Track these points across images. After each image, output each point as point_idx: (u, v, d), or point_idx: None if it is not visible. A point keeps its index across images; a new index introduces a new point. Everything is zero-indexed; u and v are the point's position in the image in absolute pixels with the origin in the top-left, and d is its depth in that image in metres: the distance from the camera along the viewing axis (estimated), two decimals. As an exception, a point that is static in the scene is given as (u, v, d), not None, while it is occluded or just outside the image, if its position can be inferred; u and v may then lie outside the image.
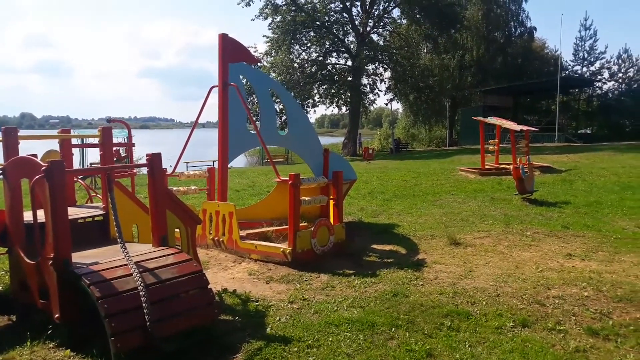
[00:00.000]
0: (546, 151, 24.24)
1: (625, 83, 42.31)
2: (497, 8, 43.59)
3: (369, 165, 22.35)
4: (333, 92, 35.11)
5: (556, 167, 15.52)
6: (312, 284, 4.83)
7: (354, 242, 6.51)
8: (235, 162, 26.75)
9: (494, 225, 7.53)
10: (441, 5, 32.60)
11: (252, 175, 16.67)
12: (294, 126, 6.82)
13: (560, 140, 33.98)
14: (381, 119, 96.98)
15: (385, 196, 11.15)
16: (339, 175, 6.19)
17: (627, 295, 4.16)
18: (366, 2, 33.68)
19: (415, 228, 7.43)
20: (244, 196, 11.55)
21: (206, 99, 6.58)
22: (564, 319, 3.76)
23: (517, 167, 9.49)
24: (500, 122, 15.49)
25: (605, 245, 6.08)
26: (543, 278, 4.73)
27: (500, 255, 5.71)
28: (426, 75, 35.80)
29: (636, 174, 13.26)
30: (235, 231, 5.88)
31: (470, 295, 4.32)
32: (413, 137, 50.52)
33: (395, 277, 4.88)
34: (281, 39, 31.80)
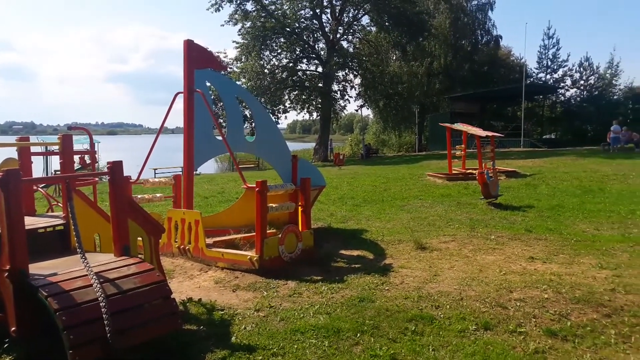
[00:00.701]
0: (512, 156, 24.83)
1: (586, 90, 43.72)
2: (464, 16, 44.53)
3: (339, 171, 22.42)
4: (304, 98, 35.18)
5: (521, 172, 15.88)
6: (279, 291, 4.82)
7: (323, 248, 6.52)
8: (205, 168, 26.23)
9: (460, 229, 7.66)
10: (409, 13, 33.10)
11: (221, 182, 16.51)
12: (261, 133, 6.80)
13: (525, 145, 34.83)
14: (352, 124, 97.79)
15: (355, 201, 11.21)
16: (307, 181, 6.19)
17: (584, 297, 4.29)
18: (336, 9, 33.93)
19: (383, 233, 7.49)
20: (212, 203, 11.43)
21: (171, 105, 6.51)
22: (524, 321, 3.85)
23: (482, 172, 9.69)
24: (467, 129, 15.79)
25: (566, 248, 6.25)
26: (506, 281, 4.84)
27: (465, 259, 5.81)
28: (395, 82, 36.26)
29: (597, 178, 13.70)
30: (201, 239, 5.81)
31: (434, 299, 4.38)
32: (383, 142, 51.04)
33: (362, 283, 4.91)
34: (251, 44, 31.71)
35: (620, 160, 18.99)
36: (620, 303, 4.14)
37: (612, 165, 17.14)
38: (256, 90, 30.83)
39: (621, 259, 5.56)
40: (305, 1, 32.36)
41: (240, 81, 31.91)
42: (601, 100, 41.43)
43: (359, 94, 36.48)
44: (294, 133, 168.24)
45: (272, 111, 33.18)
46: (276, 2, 33.16)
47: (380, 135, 51.28)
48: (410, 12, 33.27)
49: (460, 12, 43.72)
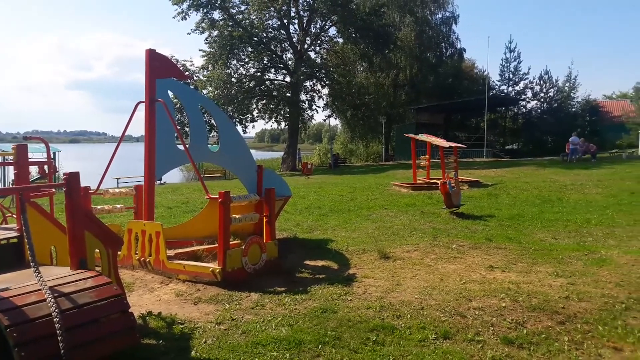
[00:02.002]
0: (475, 166, 25.39)
1: (546, 102, 45.22)
2: (429, 30, 45.53)
3: (307, 180, 22.44)
4: (272, 107, 35.13)
5: (483, 182, 16.27)
6: (242, 303, 4.77)
7: (287, 259, 6.50)
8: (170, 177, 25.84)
9: (423, 238, 7.77)
10: (375, 25, 33.62)
11: (186, 192, 16.27)
12: (225, 143, 6.75)
13: (488, 155, 35.75)
14: (321, 134, 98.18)
15: (321, 211, 11.24)
16: (271, 192, 6.18)
17: (540, 305, 4.41)
18: (303, 20, 34.14)
19: (348, 243, 7.53)
20: (176, 213, 11.25)
21: (132, 114, 6.39)
22: (482, 330, 3.93)
23: (444, 183, 9.88)
24: (430, 139, 16.10)
25: (525, 256, 6.42)
26: (465, 290, 4.93)
27: (427, 268, 5.90)
28: (362, 92, 36.65)
29: (556, 188, 14.15)
30: (162, 251, 5.71)
31: (396, 308, 4.42)
32: (351, 152, 51.42)
33: (325, 293, 4.92)
34: (218, 53, 31.52)
35: (578, 171, 19.69)
36: (573, 310, 4.28)
37: (570, 176, 17.75)
38: (223, 99, 30.62)
39: (576, 267, 5.75)
40: (273, 11, 32.45)
41: (207, 89, 31.66)
42: (560, 112, 42.94)
43: (326, 104, 36.72)
44: (262, 142, 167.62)
45: (239, 120, 33.01)
46: (243, 11, 33.15)
47: (348, 145, 51.66)
48: (377, 24, 33.80)
49: (425, 26, 44.68)
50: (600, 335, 3.78)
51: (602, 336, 3.77)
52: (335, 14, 32.75)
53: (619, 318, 4.08)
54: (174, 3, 31.17)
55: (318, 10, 32.82)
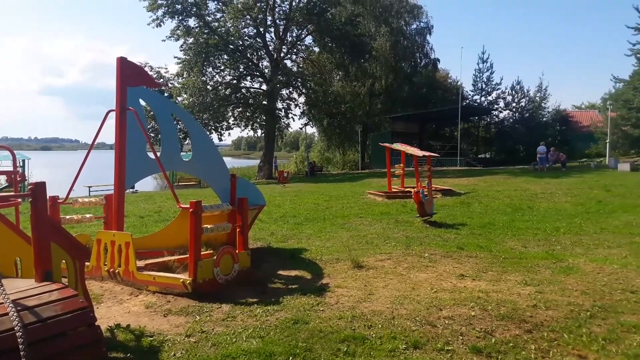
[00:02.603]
0: (449, 175, 25.74)
1: (518, 112, 46.27)
2: (404, 40, 46.20)
3: (283, 189, 22.39)
4: (248, 115, 35.03)
5: (456, 190, 16.50)
6: (213, 315, 4.71)
7: (261, 269, 6.46)
8: (143, 185, 25.40)
9: (396, 247, 7.82)
10: (351, 35, 33.94)
11: (159, 200, 16.03)
12: (198, 151, 6.69)
13: (462, 164, 36.30)
14: (298, 142, 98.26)
15: (296, 220, 11.22)
16: (244, 201, 6.14)
17: (509, 313, 4.48)
18: (279, 28, 34.23)
19: (323, 252, 7.52)
20: (148, 223, 11.07)
21: (102, 123, 6.28)
22: (452, 339, 3.96)
23: (418, 192, 9.99)
24: (405, 148, 16.28)
25: (495, 265, 6.52)
26: (436, 299, 4.97)
27: (399, 277, 5.93)
28: (339, 101, 36.90)
29: (527, 197, 14.45)
30: (132, 262, 5.61)
31: (367, 318, 4.43)
32: (328, 160, 51.62)
33: (297, 304, 4.90)
34: (193, 60, 31.31)
35: (548, 180, 20.15)
36: (541, 319, 4.35)
37: (540, 184, 18.15)
38: (198, 106, 30.40)
39: (544, 276, 5.86)
40: (249, 20, 32.45)
41: (182, 97, 31.39)
42: (532, 121, 43.96)
43: (303, 113, 36.80)
44: (239, 149, 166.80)
45: (215, 128, 32.80)
46: (219, 19, 33.06)
47: (325, 153, 51.85)
48: (352, 34, 34.12)
49: (400, 36, 45.34)
50: (565, 343, 3.85)
51: (567, 344, 3.84)
52: (311, 23, 32.96)
53: (583, 326, 4.17)
54: (149, 10, 30.90)
55: (294, 19, 32.97)
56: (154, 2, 30.71)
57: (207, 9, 32.77)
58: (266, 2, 32.87)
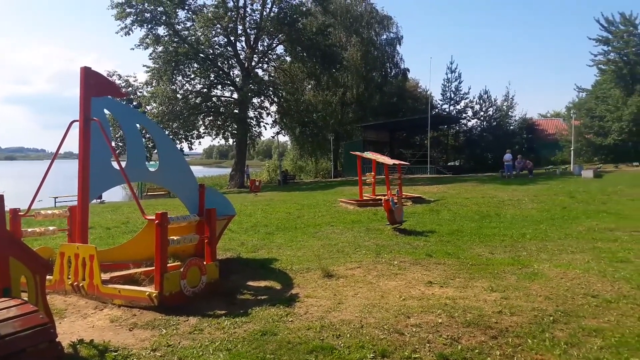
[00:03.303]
0: (419, 182, 26.07)
1: (486, 121, 47.35)
2: (375, 50, 46.80)
3: (255, 198, 22.26)
4: (219, 123, 34.80)
5: (426, 198, 16.71)
6: (180, 328, 4.63)
7: (229, 280, 6.38)
8: (111, 195, 24.84)
9: (366, 255, 7.85)
10: (322, 45, 34.17)
11: (127, 211, 15.73)
12: (165, 162, 6.60)
13: (432, 172, 36.85)
14: (271, 150, 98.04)
15: (268, 229, 11.16)
16: (212, 212, 6.08)
17: (475, 320, 4.54)
18: (250, 37, 34.19)
19: (293, 262, 7.49)
20: (115, 234, 10.83)
21: (65, 134, 6.13)
22: (419, 347, 3.99)
23: (387, 200, 10.08)
24: (376, 157, 16.43)
25: (462, 271, 6.61)
26: (405, 307, 5.00)
27: (368, 286, 5.95)
28: (310, 110, 37.06)
29: (494, 204, 14.74)
30: (96, 275, 5.46)
31: (336, 328, 4.42)
32: (301, 168, 51.68)
33: (266, 315, 4.85)
34: (163, 69, 30.96)
35: (515, 187, 20.60)
36: (505, 324, 4.43)
37: (508, 191, 18.54)
38: (168, 115, 30.06)
39: (510, 282, 5.97)
40: (219, 28, 32.32)
41: (151, 105, 30.99)
42: (499, 130, 45.03)
43: (275, 121, 36.75)
44: (210, 158, 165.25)
45: (185, 136, 32.46)
46: (189, 28, 32.83)
47: (297, 162, 51.90)
48: (323, 44, 34.36)
49: (371, 46, 45.93)
50: (529, 349, 3.92)
51: (531, 349, 3.92)
52: (282, 32, 33.07)
53: (547, 331, 4.26)
54: (117, 18, 30.47)
55: (265, 28, 33.01)
56: (122, 10, 30.32)
57: (177, 17, 32.55)
58: (237, 12, 32.84)
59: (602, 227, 9.91)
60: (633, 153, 36.57)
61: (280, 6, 33.61)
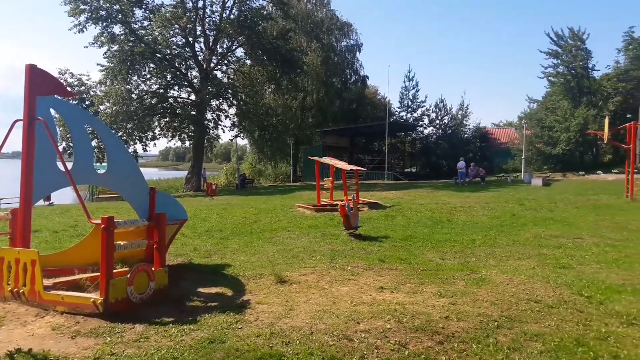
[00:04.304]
0: (376, 188, 26.44)
1: (441, 129, 48.56)
2: (335, 56, 47.21)
3: (211, 202, 21.97)
4: (175, 125, 34.17)
5: (382, 203, 16.93)
6: (125, 336, 4.49)
7: (179, 287, 6.25)
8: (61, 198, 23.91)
9: (321, 260, 7.87)
10: (283, 49, 34.17)
11: (76, 214, 15.15)
12: (114, 164, 6.39)
13: (389, 178, 37.44)
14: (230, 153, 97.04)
15: (222, 234, 11.02)
16: (161, 216, 5.94)
17: (422, 325, 4.61)
18: (209, 39, 33.78)
19: (247, 267, 7.42)
20: (62, 238, 10.43)
21: (8, 133, 5.86)
22: (367, 353, 4.02)
23: (343, 205, 10.15)
24: (333, 162, 16.54)
25: (413, 277, 6.71)
26: (355, 312, 5.04)
27: (321, 291, 5.96)
28: (270, 114, 36.92)
29: (447, 210, 15.09)
30: (38, 281, 5.24)
31: (286, 335, 4.40)
32: (260, 172, 51.38)
33: (215, 322, 4.78)
34: (117, 68, 30.12)
35: (468, 193, 21.20)
36: (452, 330, 4.53)
37: (461, 198, 19.05)
38: (122, 115, 29.28)
39: (458, 287, 6.11)
40: (177, 29, 31.79)
41: (105, 105, 30.11)
42: (454, 138, 46.24)
43: (233, 124, 36.38)
44: (166, 160, 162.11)
45: (140, 137, 31.69)
46: (146, 27, 32.11)
47: (256, 165, 51.58)
48: (284, 48, 34.37)
49: (331, 52, 46.32)
50: (474, 354, 4.02)
51: (475, 354, 4.01)
52: (242, 35, 32.86)
53: (491, 336, 4.38)
54: (71, 15, 29.48)
55: (224, 30, 32.70)
56: (76, 7, 29.38)
57: (134, 16, 31.79)
58: (195, 13, 32.40)
59: (548, 234, 10.31)
60: (579, 162, 38.36)
61: (241, 9, 33.42)
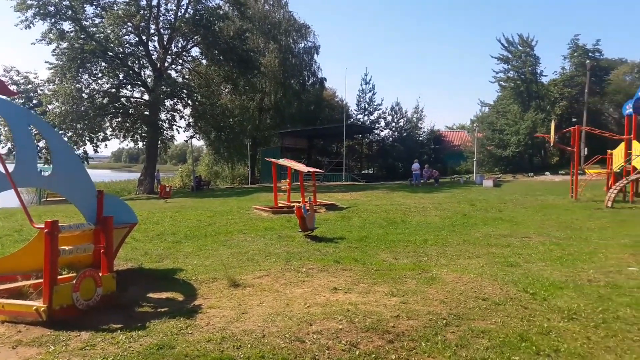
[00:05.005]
0: (334, 190, 26.60)
1: (397, 131, 49.39)
2: (293, 58, 47.17)
3: (165, 204, 21.48)
4: (127, 125, 33.26)
5: (339, 205, 17.04)
6: (70, 344, 4.33)
7: (128, 292, 6.07)
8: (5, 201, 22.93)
9: (276, 263, 7.84)
10: (239, 50, 33.86)
11: (21, 218, 14.46)
12: (59, 166, 6.15)
13: (347, 179, 37.73)
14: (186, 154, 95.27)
15: (175, 238, 10.80)
16: (108, 220, 5.77)
17: (374, 325, 4.67)
18: (164, 38, 33.06)
19: (199, 271, 7.29)
20: (6, 243, 9.95)
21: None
22: (319, 354, 4.04)
23: (299, 207, 10.16)
24: (290, 164, 16.52)
25: (367, 277, 6.79)
26: (308, 314, 5.05)
27: (275, 294, 5.94)
28: (227, 115, 36.44)
29: (401, 210, 15.35)
30: (-26, 290, 4.98)
31: (237, 339, 4.36)
32: (217, 174, 50.68)
33: (164, 328, 4.67)
34: (67, 66, 28.99)
35: (422, 194, 21.64)
36: (402, 328, 4.61)
37: (415, 199, 19.43)
38: (71, 115, 28.23)
39: (409, 286, 6.23)
40: (130, 27, 30.95)
41: (53, 105, 28.95)
42: (409, 140, 47.14)
43: (188, 125, 35.71)
44: (119, 162, 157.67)
45: (90, 138, 30.66)
46: (97, 24, 31.10)
47: (213, 167, 50.83)
48: (241, 48, 34.07)
49: (289, 53, 46.26)
50: (422, 351, 4.11)
51: (424, 352, 4.10)
52: (198, 34, 32.36)
53: (439, 333, 4.48)
54: (17, 10, 28.20)
55: (179, 29, 32.10)
56: (22, 1, 28.14)
57: (84, 13, 30.73)
58: (150, 11, 31.67)
59: (497, 234, 10.66)
60: (528, 164, 39.90)
61: (196, 8, 32.91)
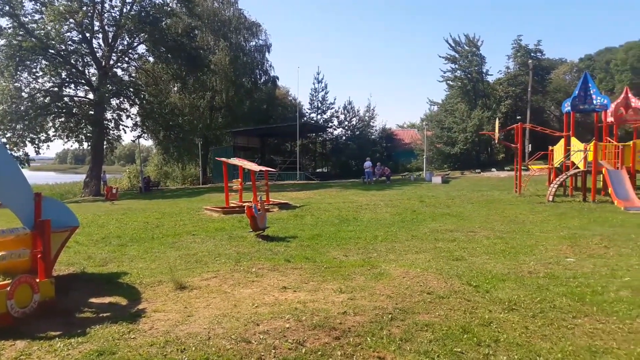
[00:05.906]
0: (288, 188, 26.54)
1: (350, 130, 49.79)
2: (244, 56, 46.63)
3: (111, 206, 20.81)
4: (71, 125, 31.92)
5: (292, 204, 17.02)
6: (3, 354, 4.12)
7: (69, 298, 5.84)
8: None
9: (225, 264, 7.74)
10: (188, 47, 33.17)
11: (-46, 224, 13.64)
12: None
13: (301, 178, 37.73)
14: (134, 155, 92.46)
15: (120, 241, 10.47)
16: (46, 223, 5.51)
17: (321, 322, 4.69)
18: (108, 35, 31.93)
19: (145, 275, 7.10)
20: None
21: None
22: (265, 354, 4.01)
23: (250, 207, 10.06)
24: (242, 163, 16.35)
25: (317, 275, 6.81)
26: (256, 314, 5.01)
27: (222, 295, 5.86)
28: (176, 113, 35.61)
29: (353, 208, 15.50)
30: None
31: (182, 342, 4.27)
32: (166, 174, 49.44)
33: (106, 334, 4.52)
34: (4, 64, 27.49)
35: (374, 192, 21.93)
36: (349, 325, 4.65)
37: (367, 196, 19.67)
38: (10, 115, 26.85)
39: (358, 283, 6.30)
40: (73, 23, 29.71)
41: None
42: (362, 138, 47.61)
43: (136, 124, 34.62)
44: (64, 163, 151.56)
45: (31, 139, 29.23)
46: (37, 21, 29.61)
47: (162, 167, 49.55)
48: (189, 46, 33.39)
49: (240, 52, 45.71)
50: (368, 347, 4.16)
51: (369, 347, 4.15)
52: (144, 32, 31.44)
53: (385, 328, 4.55)
54: (-51, 4, 26.52)
55: (125, 26, 31.08)
56: (-46, -5, 26.46)
57: (23, 8, 29.19)
58: (93, 7, 30.51)
59: (444, 229, 10.95)
60: (476, 161, 41.19)
61: (142, 4, 31.97)
